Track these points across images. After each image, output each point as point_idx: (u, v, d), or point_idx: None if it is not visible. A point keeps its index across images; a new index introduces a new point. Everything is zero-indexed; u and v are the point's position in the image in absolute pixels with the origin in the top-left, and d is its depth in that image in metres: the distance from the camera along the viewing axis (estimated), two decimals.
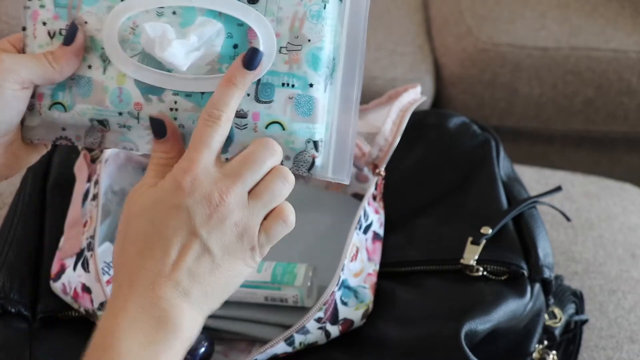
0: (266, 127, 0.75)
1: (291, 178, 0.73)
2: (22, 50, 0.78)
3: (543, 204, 1.07)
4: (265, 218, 0.73)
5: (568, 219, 1.12)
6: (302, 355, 0.93)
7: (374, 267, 0.97)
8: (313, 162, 0.76)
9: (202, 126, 0.72)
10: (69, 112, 0.77)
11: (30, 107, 0.78)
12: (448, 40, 1.72)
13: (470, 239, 0.98)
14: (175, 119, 0.76)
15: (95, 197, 0.98)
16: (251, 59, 0.73)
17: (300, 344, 0.91)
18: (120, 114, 0.77)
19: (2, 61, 0.75)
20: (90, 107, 0.77)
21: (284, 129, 0.75)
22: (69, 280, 0.95)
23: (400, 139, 1.01)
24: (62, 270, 0.96)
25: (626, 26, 1.70)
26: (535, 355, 0.97)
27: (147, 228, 0.70)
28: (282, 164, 0.75)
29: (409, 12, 1.78)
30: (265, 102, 0.75)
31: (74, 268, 0.95)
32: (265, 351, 0.90)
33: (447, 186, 1.07)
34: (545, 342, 0.99)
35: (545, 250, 0.99)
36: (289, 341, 0.90)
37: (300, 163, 0.76)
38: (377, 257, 0.99)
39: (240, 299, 0.96)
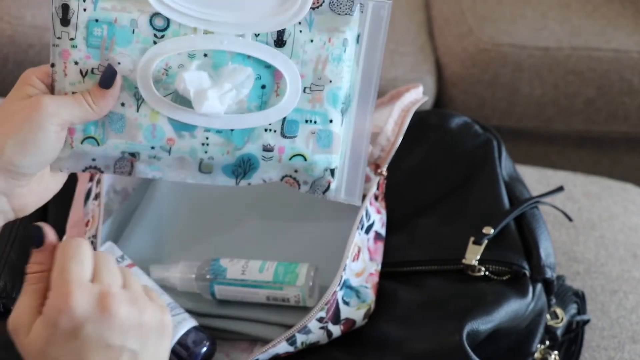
0: (290, 159, 0.82)
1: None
2: (50, 86, 0.80)
3: (545, 204, 1.07)
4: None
5: (570, 219, 1.12)
6: (303, 355, 0.93)
7: (375, 267, 0.97)
8: (328, 187, 0.84)
9: (61, 257, 0.71)
10: (101, 146, 0.80)
11: None
12: (449, 40, 1.72)
13: (472, 239, 0.98)
14: (205, 152, 0.81)
15: (97, 196, 0.98)
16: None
17: (302, 343, 0.91)
18: (152, 147, 0.80)
19: (46, 105, 0.76)
20: (123, 142, 0.80)
21: (305, 160, 0.82)
22: None
23: (402, 139, 1.01)
24: None
25: (627, 26, 1.70)
26: (537, 355, 0.97)
27: None
28: (299, 187, 0.84)
29: (410, 12, 1.78)
30: (290, 137, 0.82)
31: None
32: (267, 351, 0.90)
33: (449, 186, 1.07)
34: (547, 342, 0.99)
35: (547, 250, 0.99)
36: (291, 341, 0.90)
37: (317, 187, 0.84)
38: (379, 257, 0.99)
39: (242, 299, 0.96)
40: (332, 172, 0.83)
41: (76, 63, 0.79)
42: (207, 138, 0.81)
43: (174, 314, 0.93)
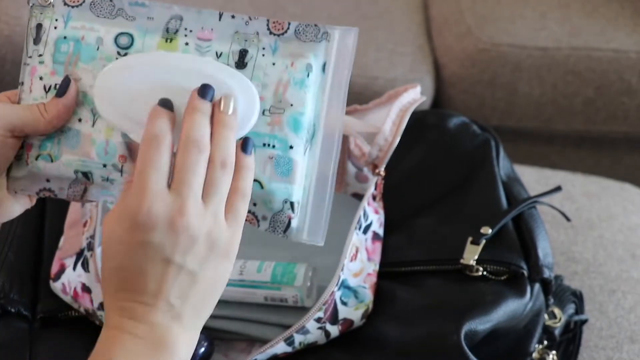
0: None
1: (230, 161, 0.73)
2: (17, 103, 0.80)
3: (543, 204, 1.07)
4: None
5: (568, 219, 1.12)
6: (302, 355, 0.93)
7: (373, 267, 0.97)
8: (289, 224, 0.78)
9: (145, 148, 0.72)
10: (55, 163, 0.79)
11: (18, 158, 0.79)
12: (448, 40, 1.72)
13: (470, 239, 0.98)
14: None
15: None
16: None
17: (300, 344, 0.91)
18: (104, 165, 0.78)
19: None
20: (77, 158, 0.78)
21: (262, 188, 0.78)
22: (68, 280, 0.95)
23: (400, 139, 1.01)
24: (62, 270, 0.96)
25: (626, 26, 1.70)
26: (535, 355, 0.97)
27: (119, 266, 0.71)
28: (258, 225, 0.78)
29: (409, 12, 1.78)
30: None
31: (74, 268, 0.95)
32: (265, 351, 0.90)
33: (447, 186, 1.07)
34: (545, 342, 0.99)
35: (545, 250, 0.99)
36: (289, 341, 0.90)
37: (277, 224, 0.78)
38: (377, 257, 0.99)
39: (240, 299, 0.96)
40: (292, 205, 0.78)
41: (41, 78, 0.79)
42: None
43: None
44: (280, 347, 0.90)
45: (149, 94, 0.77)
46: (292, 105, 0.78)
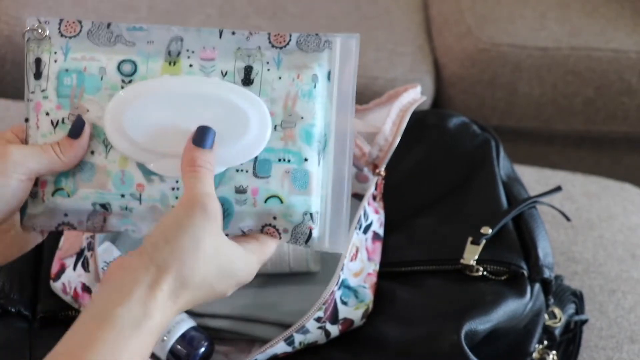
0: (265, 202, 0.79)
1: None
2: (24, 141, 0.80)
3: (543, 204, 1.07)
4: None
5: (568, 219, 1.12)
6: (302, 355, 0.93)
7: (374, 267, 0.97)
8: (310, 234, 0.79)
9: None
10: (71, 198, 0.79)
11: (33, 195, 0.79)
12: (448, 40, 1.72)
13: (470, 239, 0.98)
14: (176, 197, 0.79)
15: None
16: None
17: (300, 343, 0.91)
18: (122, 196, 0.79)
19: (11, 154, 0.76)
20: (93, 191, 0.79)
21: (282, 202, 0.79)
22: (69, 280, 0.95)
23: (401, 139, 1.01)
24: (62, 270, 0.96)
25: (626, 26, 1.69)
26: (535, 355, 0.97)
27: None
28: (280, 237, 0.80)
29: (409, 12, 1.78)
30: (264, 178, 0.79)
31: (74, 268, 0.95)
32: (265, 351, 0.90)
33: (447, 186, 1.07)
34: (545, 342, 0.99)
35: (545, 250, 0.99)
36: (289, 341, 0.90)
37: (299, 235, 0.79)
38: (377, 257, 0.99)
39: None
40: (312, 216, 0.79)
41: (47, 114, 0.79)
42: (177, 182, 0.79)
43: None
44: (280, 347, 0.90)
45: (160, 123, 0.77)
46: (302, 117, 0.79)
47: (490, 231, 0.98)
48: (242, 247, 0.77)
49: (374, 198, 1.01)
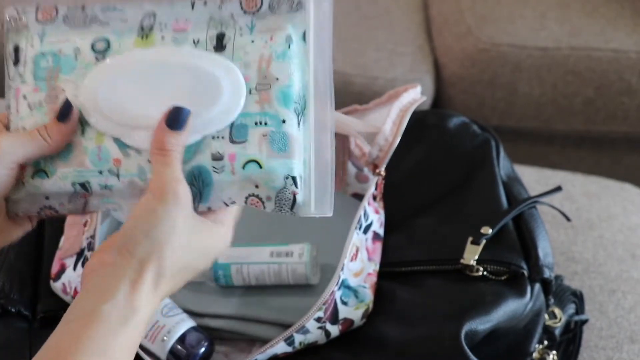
0: (243, 167, 0.76)
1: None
2: (7, 127, 0.80)
3: (543, 204, 1.07)
4: None
5: (568, 219, 1.12)
6: (302, 355, 0.93)
7: (374, 267, 0.97)
8: (294, 200, 0.77)
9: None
10: (51, 178, 0.79)
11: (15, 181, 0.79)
12: (448, 40, 1.72)
13: (470, 239, 0.98)
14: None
15: None
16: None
17: (300, 343, 0.91)
18: (100, 172, 0.78)
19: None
20: (72, 169, 0.78)
21: (261, 167, 0.76)
22: (69, 279, 0.95)
23: (401, 139, 1.01)
24: (62, 270, 0.96)
25: (626, 26, 1.70)
26: (535, 355, 0.97)
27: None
28: (264, 206, 0.77)
29: (409, 12, 1.78)
30: (240, 143, 0.76)
31: (74, 268, 0.95)
32: (265, 351, 0.90)
33: (447, 186, 1.07)
34: (546, 342, 0.99)
35: (545, 250, 0.99)
36: (289, 341, 0.90)
37: (282, 202, 0.77)
38: (377, 257, 0.99)
39: (245, 258, 0.96)
40: (295, 180, 0.76)
41: (25, 97, 0.79)
42: None
43: (172, 314, 0.93)
44: (281, 347, 0.90)
45: (132, 96, 0.77)
46: (277, 79, 0.76)
47: (490, 231, 0.98)
48: (210, 220, 0.76)
49: (374, 198, 1.01)
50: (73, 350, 0.67)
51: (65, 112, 0.78)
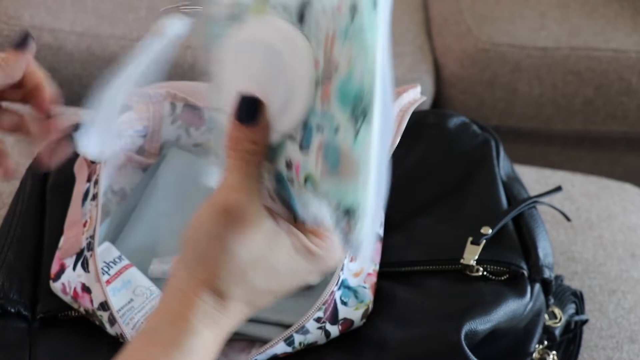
0: (305, 183, 0.62)
1: None
2: None
3: (543, 204, 1.07)
4: None
5: (568, 219, 1.12)
6: (302, 356, 0.93)
7: (373, 267, 0.97)
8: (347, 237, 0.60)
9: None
10: None
11: None
12: (448, 40, 1.72)
13: (470, 239, 0.98)
14: None
15: (95, 197, 0.98)
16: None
17: (300, 344, 0.91)
18: None
19: None
20: None
21: (314, 187, 0.61)
22: (68, 280, 0.95)
23: (400, 139, 1.01)
24: (62, 270, 0.96)
25: (626, 26, 1.70)
26: (535, 355, 0.97)
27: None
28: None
29: (409, 12, 1.78)
30: (305, 149, 0.61)
31: (74, 268, 0.95)
32: (265, 351, 0.90)
33: (446, 186, 1.07)
34: (546, 342, 0.99)
35: (545, 250, 0.99)
36: (289, 341, 0.90)
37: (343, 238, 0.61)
38: (377, 257, 0.99)
39: None
40: (349, 213, 0.57)
41: None
42: None
43: None
44: (280, 347, 0.90)
45: (225, 80, 0.66)
46: (337, 67, 0.57)
47: (490, 231, 0.98)
48: (292, 241, 0.65)
49: None
50: None
51: (22, 41, 0.77)
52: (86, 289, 0.93)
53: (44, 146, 0.80)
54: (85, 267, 0.94)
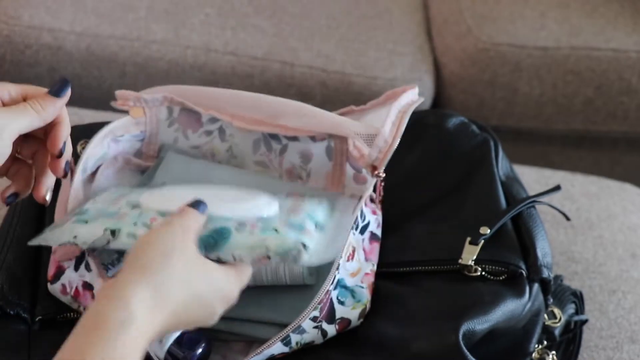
0: (262, 232, 0.86)
1: None
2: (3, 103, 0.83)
3: (542, 203, 1.07)
4: None
5: (568, 219, 1.12)
6: (299, 356, 0.93)
7: (371, 267, 0.97)
8: (300, 258, 0.84)
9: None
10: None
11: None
12: (448, 40, 1.72)
13: (468, 239, 0.98)
14: None
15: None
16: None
17: (297, 343, 0.91)
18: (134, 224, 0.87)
19: None
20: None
21: (277, 232, 0.86)
22: (69, 280, 0.95)
23: (400, 139, 1.00)
24: (60, 271, 0.96)
25: (626, 26, 1.69)
26: (534, 355, 0.97)
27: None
28: (269, 261, 0.84)
29: (409, 12, 1.78)
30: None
31: (75, 268, 0.95)
32: (262, 352, 0.90)
33: (445, 186, 1.07)
34: (545, 342, 0.99)
35: (543, 250, 0.99)
36: (286, 341, 0.90)
37: (288, 259, 0.85)
38: (375, 257, 0.98)
39: None
40: (305, 245, 0.85)
41: None
42: None
43: None
44: (277, 348, 0.90)
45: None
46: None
47: (488, 231, 0.98)
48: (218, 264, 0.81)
49: (372, 200, 1.01)
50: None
51: (60, 88, 0.81)
52: (88, 286, 0.93)
53: (43, 182, 0.87)
54: (87, 268, 0.94)
